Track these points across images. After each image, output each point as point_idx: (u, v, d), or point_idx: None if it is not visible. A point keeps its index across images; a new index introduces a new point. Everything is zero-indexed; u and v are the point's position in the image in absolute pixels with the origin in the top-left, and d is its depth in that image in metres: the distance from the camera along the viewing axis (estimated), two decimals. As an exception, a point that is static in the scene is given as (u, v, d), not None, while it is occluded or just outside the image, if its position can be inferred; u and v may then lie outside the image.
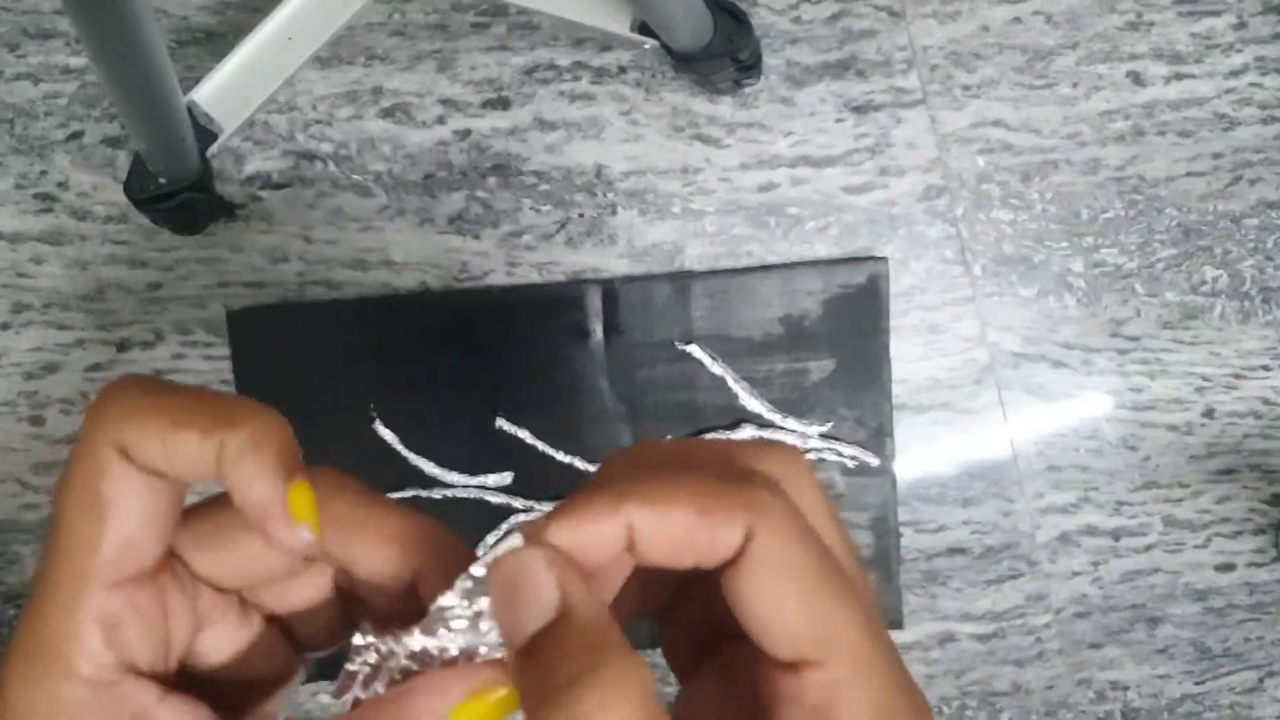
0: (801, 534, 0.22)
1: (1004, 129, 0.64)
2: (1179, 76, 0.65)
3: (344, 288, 0.63)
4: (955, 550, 0.64)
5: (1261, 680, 0.66)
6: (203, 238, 0.63)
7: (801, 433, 0.63)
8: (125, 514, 0.22)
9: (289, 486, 0.22)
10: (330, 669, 0.70)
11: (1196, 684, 0.66)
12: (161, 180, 0.57)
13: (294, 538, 0.22)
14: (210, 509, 0.24)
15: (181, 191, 0.57)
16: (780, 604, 0.22)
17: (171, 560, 0.23)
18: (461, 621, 0.23)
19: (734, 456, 0.24)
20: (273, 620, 0.25)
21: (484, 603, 0.23)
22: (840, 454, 0.63)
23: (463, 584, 0.22)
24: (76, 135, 0.63)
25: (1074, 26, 0.65)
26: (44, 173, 0.63)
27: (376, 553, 0.24)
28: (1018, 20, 0.64)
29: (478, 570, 0.22)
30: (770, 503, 0.22)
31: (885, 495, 0.63)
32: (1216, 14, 0.65)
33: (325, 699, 0.63)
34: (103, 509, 0.22)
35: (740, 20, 0.58)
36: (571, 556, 0.22)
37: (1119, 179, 0.64)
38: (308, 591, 0.25)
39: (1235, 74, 0.65)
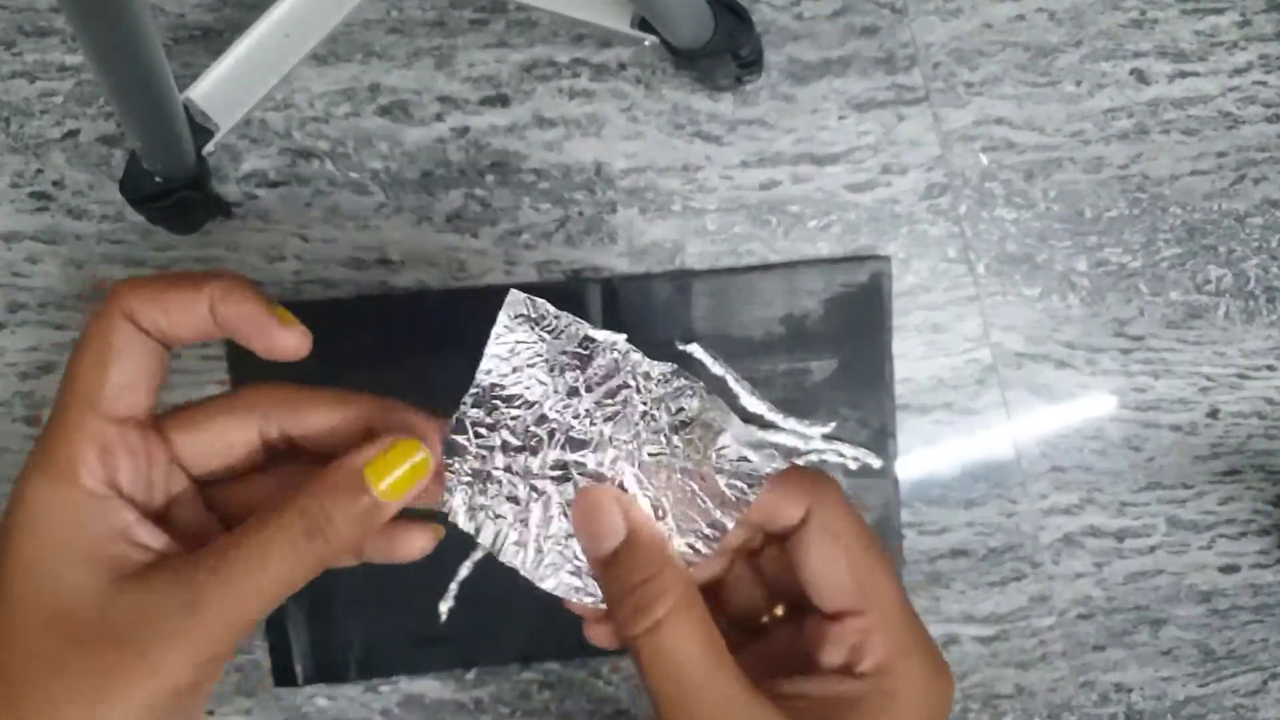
0: (850, 513, 0.30)
1: (1007, 127, 0.64)
2: (1183, 74, 0.64)
3: (341, 286, 0.62)
4: (958, 552, 0.64)
5: (1266, 682, 0.65)
6: (199, 236, 0.62)
7: (803, 434, 0.62)
8: (127, 363, 0.27)
9: (273, 306, 0.28)
10: (326, 673, 0.69)
11: (1200, 686, 0.65)
12: (157, 179, 0.56)
13: (290, 337, 0.28)
14: (192, 405, 0.30)
15: (177, 190, 0.57)
16: (833, 564, 0.29)
17: (159, 433, 0.29)
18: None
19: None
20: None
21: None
22: (842, 455, 0.62)
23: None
24: (72, 133, 0.63)
25: (1077, 24, 0.64)
26: (40, 171, 0.63)
27: (327, 417, 0.30)
28: (1021, 17, 0.64)
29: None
30: (827, 487, 0.31)
31: (888, 497, 0.63)
32: (1220, 11, 0.64)
33: (322, 702, 0.62)
34: (109, 357, 0.27)
35: (741, 17, 0.58)
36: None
37: (1123, 177, 0.64)
38: (254, 493, 0.31)
39: (1239, 72, 0.64)
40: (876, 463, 0.65)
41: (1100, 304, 0.64)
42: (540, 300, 0.30)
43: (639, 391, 0.29)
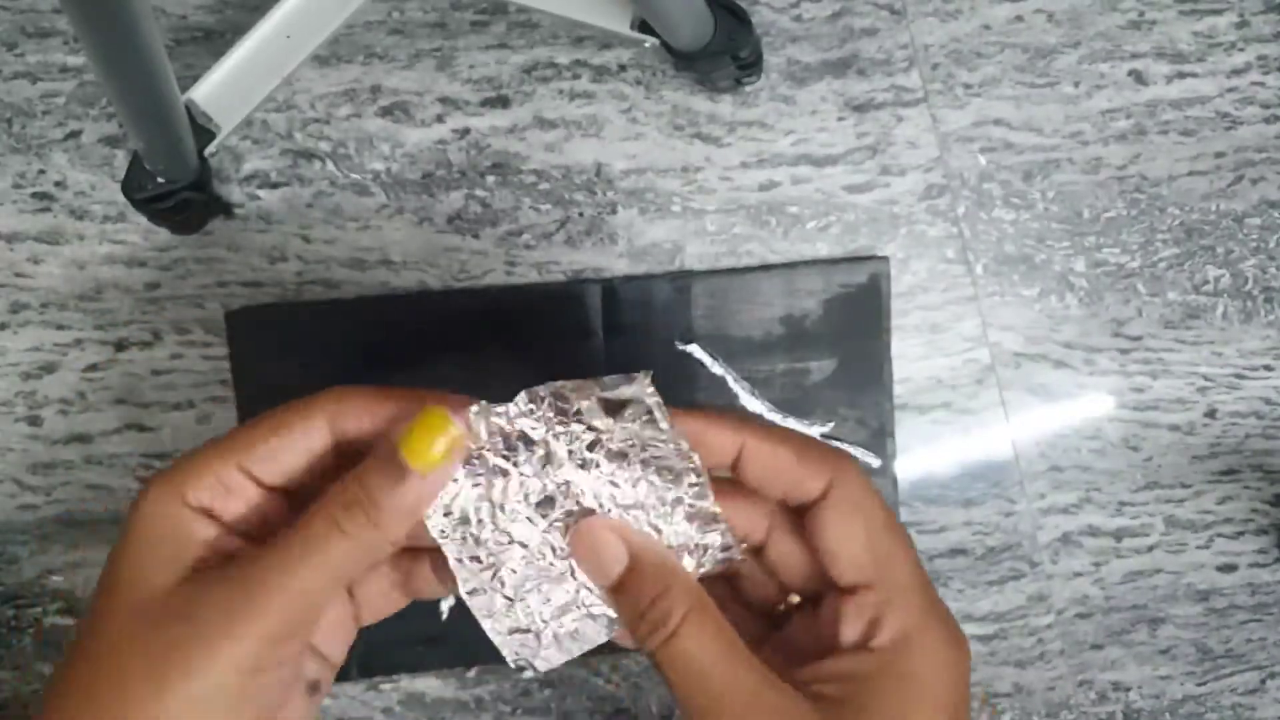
0: (869, 488, 0.30)
1: (1005, 128, 0.64)
2: (1181, 75, 0.65)
3: (342, 287, 0.63)
4: (957, 551, 0.64)
5: (1264, 681, 0.66)
6: (201, 237, 0.63)
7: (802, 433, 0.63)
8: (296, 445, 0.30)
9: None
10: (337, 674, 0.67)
11: (1198, 685, 0.65)
12: (159, 179, 0.56)
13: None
14: (266, 429, 0.30)
15: (179, 191, 0.57)
16: (851, 537, 0.30)
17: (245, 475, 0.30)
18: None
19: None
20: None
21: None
22: (841, 454, 0.63)
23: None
24: (74, 134, 0.63)
25: (1076, 25, 0.64)
26: (42, 172, 0.63)
27: (371, 416, 0.31)
28: (1019, 19, 0.64)
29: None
30: (848, 463, 0.31)
31: (886, 496, 0.63)
32: (1218, 13, 0.65)
33: (324, 700, 0.62)
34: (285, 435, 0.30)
35: (741, 18, 0.58)
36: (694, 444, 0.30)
37: (1121, 178, 0.64)
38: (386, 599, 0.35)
39: (1237, 73, 0.65)
40: (875, 462, 0.66)
41: (1098, 304, 0.64)
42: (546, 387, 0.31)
43: (567, 418, 0.30)
